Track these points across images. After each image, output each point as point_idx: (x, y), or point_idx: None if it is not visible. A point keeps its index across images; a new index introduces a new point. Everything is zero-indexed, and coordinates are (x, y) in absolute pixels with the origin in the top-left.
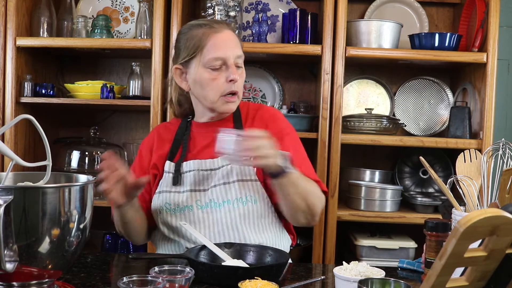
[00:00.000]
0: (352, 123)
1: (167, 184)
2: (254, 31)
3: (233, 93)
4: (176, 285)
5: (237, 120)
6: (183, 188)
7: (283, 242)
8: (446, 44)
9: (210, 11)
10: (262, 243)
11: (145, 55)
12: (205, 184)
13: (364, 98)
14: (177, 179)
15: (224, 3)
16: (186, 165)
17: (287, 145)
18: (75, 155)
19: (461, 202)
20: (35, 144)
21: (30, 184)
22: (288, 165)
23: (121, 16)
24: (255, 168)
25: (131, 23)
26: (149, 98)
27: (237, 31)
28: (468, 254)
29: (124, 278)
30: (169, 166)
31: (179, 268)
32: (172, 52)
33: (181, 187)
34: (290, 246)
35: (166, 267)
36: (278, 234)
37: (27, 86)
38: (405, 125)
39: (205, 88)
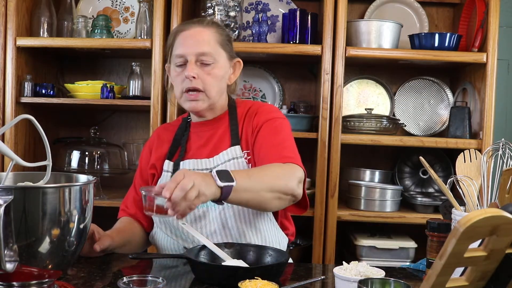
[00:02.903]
0: (352, 123)
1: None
2: (254, 31)
3: (192, 90)
4: None
5: (232, 118)
6: None
7: (280, 239)
8: (446, 44)
9: (210, 11)
10: (258, 241)
11: (145, 55)
12: None
13: (364, 98)
14: None
15: (224, 3)
16: (183, 165)
17: (263, 133)
18: (75, 155)
19: (461, 202)
20: (35, 144)
21: (30, 184)
22: (226, 183)
23: (121, 16)
24: (250, 164)
25: (131, 23)
26: (149, 98)
27: (228, 30)
28: (468, 254)
29: (124, 278)
30: (168, 165)
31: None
32: None
33: None
34: (289, 243)
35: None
36: (275, 231)
37: (27, 86)
38: (405, 125)
39: (174, 84)
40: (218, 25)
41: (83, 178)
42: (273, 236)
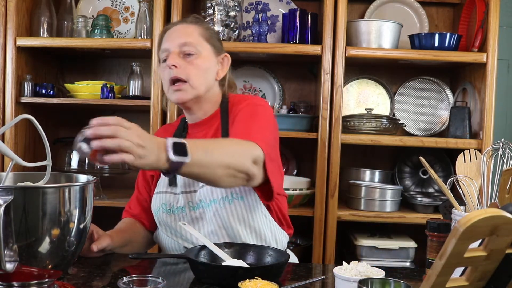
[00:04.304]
0: (352, 123)
1: (164, 184)
2: (254, 31)
3: (176, 80)
4: None
5: (224, 116)
6: (178, 190)
7: (278, 236)
8: (446, 44)
9: (210, 11)
10: (254, 240)
11: (145, 55)
12: (195, 185)
13: (364, 98)
14: (172, 180)
15: (224, 3)
16: None
17: (239, 118)
18: (75, 155)
19: (461, 202)
20: (35, 144)
21: (30, 184)
22: (178, 158)
23: (121, 16)
24: None
25: (131, 23)
26: (149, 98)
27: (208, 24)
28: (468, 254)
29: (124, 278)
30: None
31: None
32: None
33: (176, 188)
34: (289, 242)
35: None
36: (271, 228)
37: (27, 86)
38: (405, 125)
39: (162, 80)
40: (203, 22)
41: (83, 178)
42: (270, 234)
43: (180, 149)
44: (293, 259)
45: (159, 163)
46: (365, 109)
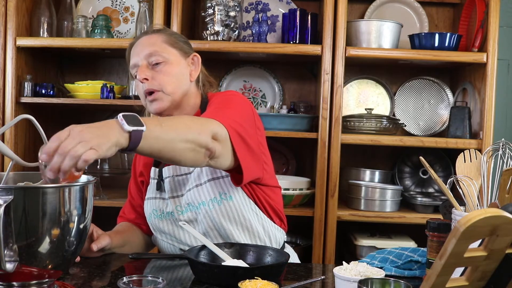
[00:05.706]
0: (352, 123)
1: (153, 190)
2: (254, 31)
3: (150, 92)
4: None
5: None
6: (166, 195)
7: (272, 233)
8: (446, 44)
9: (210, 11)
10: (247, 238)
11: None
12: (182, 189)
13: (364, 98)
14: (160, 185)
15: (224, 3)
16: (164, 171)
17: (208, 107)
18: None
19: (461, 202)
20: (35, 144)
21: (30, 184)
22: (135, 128)
23: (121, 16)
24: None
25: (131, 23)
26: None
27: (170, 33)
28: (468, 254)
29: (124, 278)
30: (154, 172)
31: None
32: None
33: (165, 194)
34: (289, 242)
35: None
36: (264, 224)
37: (27, 86)
38: (405, 125)
39: (139, 96)
40: (165, 29)
41: (83, 178)
42: (262, 230)
43: (132, 119)
44: (294, 257)
45: (119, 140)
46: (365, 109)
